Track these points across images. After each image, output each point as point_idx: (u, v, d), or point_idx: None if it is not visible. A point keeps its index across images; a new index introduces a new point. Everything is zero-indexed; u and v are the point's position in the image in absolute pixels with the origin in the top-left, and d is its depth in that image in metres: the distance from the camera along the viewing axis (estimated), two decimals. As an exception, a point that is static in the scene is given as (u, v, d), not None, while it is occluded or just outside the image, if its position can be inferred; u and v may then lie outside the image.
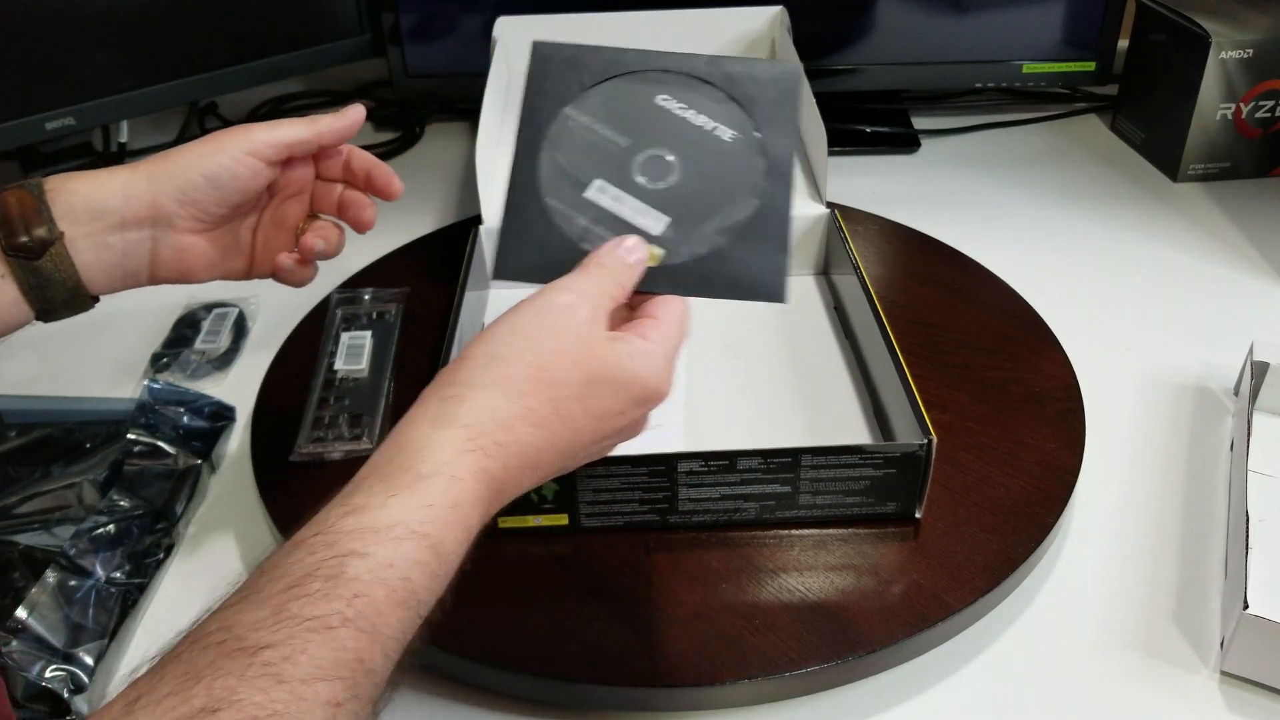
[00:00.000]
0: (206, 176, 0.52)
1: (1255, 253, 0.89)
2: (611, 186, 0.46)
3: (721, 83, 0.47)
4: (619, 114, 0.47)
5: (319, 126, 0.55)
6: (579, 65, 0.48)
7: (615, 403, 0.43)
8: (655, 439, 0.65)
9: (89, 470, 0.63)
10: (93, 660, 0.53)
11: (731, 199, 0.46)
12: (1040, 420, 0.67)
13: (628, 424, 0.45)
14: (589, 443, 0.43)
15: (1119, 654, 0.56)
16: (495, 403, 0.40)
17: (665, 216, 0.46)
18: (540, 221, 0.46)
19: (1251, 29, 0.93)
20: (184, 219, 0.53)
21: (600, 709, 0.54)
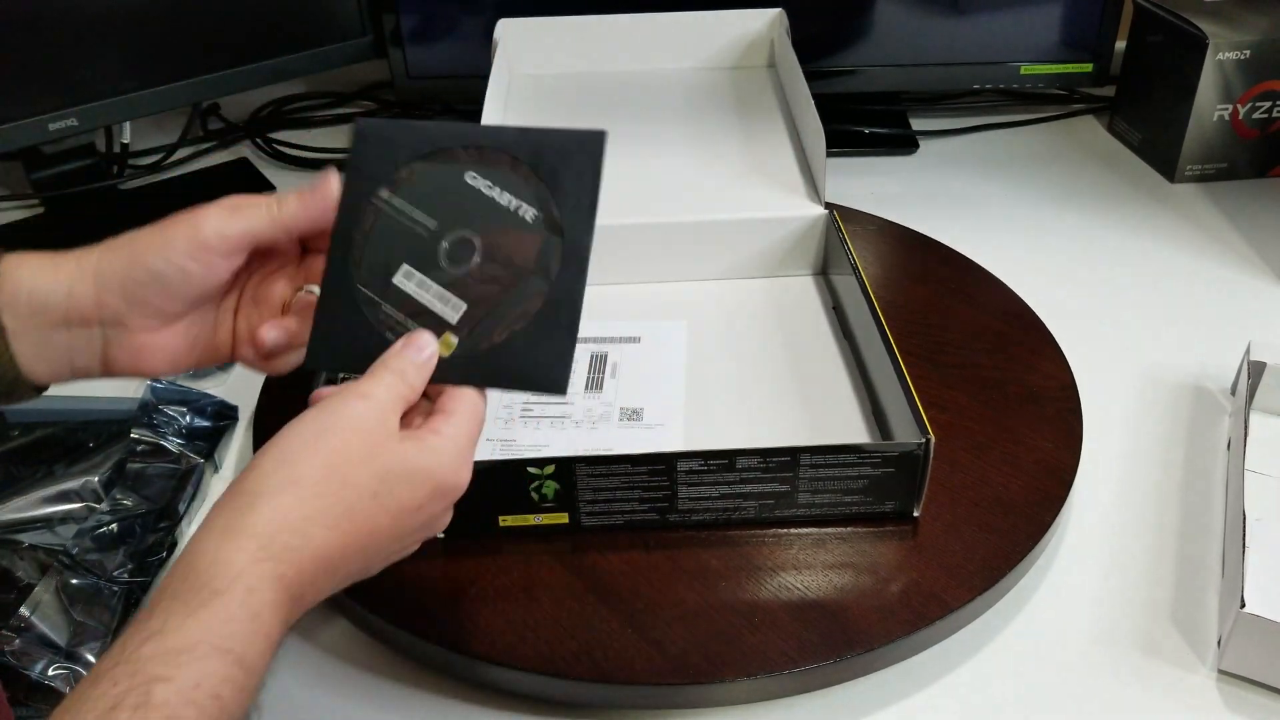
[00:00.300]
0: (153, 275, 0.46)
1: (1252, 253, 0.89)
2: (416, 273, 0.46)
3: (528, 157, 0.47)
4: (429, 195, 0.47)
5: (284, 214, 0.47)
6: (394, 143, 0.48)
7: (411, 499, 0.42)
8: (655, 438, 0.65)
9: (92, 470, 0.64)
10: (95, 659, 0.54)
11: (526, 285, 0.46)
12: (1038, 420, 0.67)
13: (427, 519, 0.44)
14: (389, 540, 0.43)
15: (1116, 653, 0.56)
16: (286, 507, 0.40)
17: (463, 304, 0.46)
18: (350, 309, 0.46)
19: (1249, 30, 0.93)
20: (136, 318, 0.47)
21: (600, 707, 0.54)
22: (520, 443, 0.66)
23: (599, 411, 0.68)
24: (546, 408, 0.68)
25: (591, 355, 0.73)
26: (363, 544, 0.42)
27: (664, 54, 0.98)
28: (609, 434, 0.66)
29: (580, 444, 0.66)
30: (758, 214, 0.79)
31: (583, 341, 0.73)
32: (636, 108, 0.92)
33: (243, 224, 0.47)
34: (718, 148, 0.87)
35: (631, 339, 0.75)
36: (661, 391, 0.70)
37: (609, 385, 0.70)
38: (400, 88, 1.06)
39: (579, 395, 0.69)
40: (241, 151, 1.10)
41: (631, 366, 0.72)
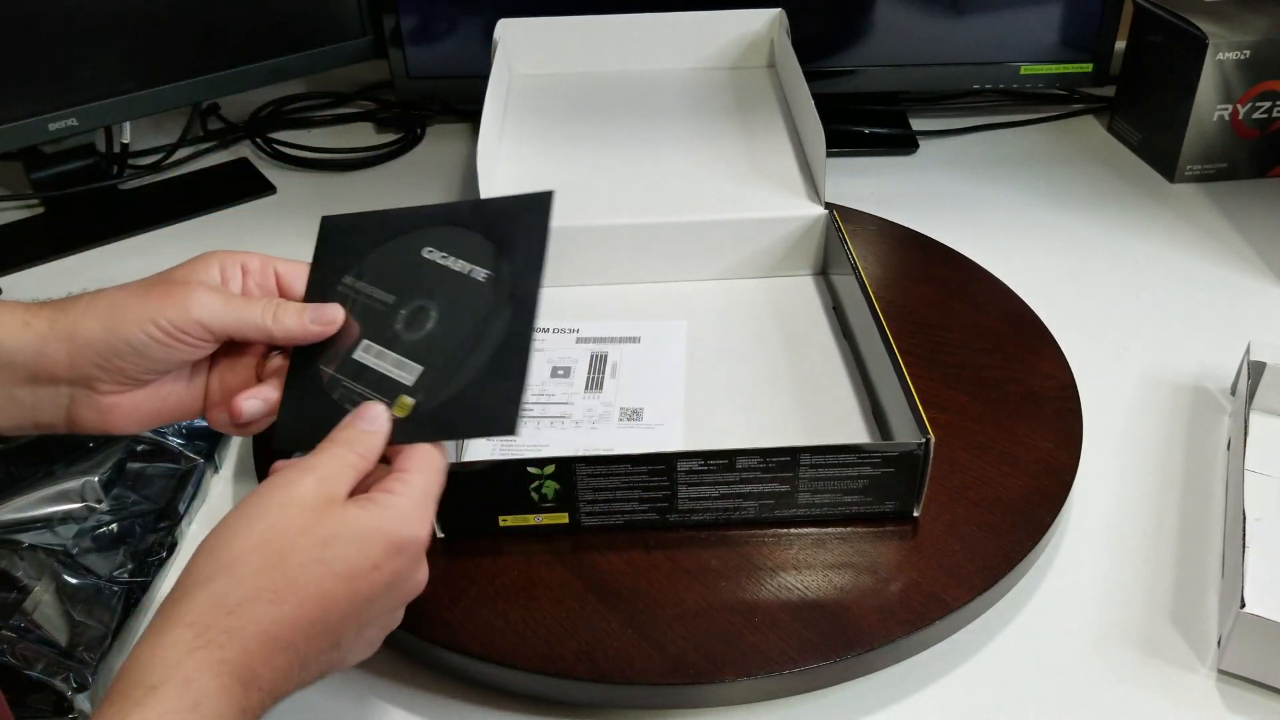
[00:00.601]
0: (133, 349, 0.45)
1: (1252, 253, 0.89)
2: (375, 345, 0.48)
3: (480, 226, 0.49)
4: (389, 274, 0.49)
5: (277, 330, 0.47)
6: (356, 233, 0.51)
7: (363, 559, 0.41)
8: (655, 438, 0.65)
9: (92, 469, 0.64)
10: (95, 659, 0.54)
11: (479, 339, 0.47)
12: (1038, 420, 0.67)
13: (391, 578, 0.42)
14: (351, 605, 0.41)
15: (1116, 653, 0.56)
16: (220, 591, 0.39)
17: (419, 367, 0.47)
18: (314, 389, 0.48)
19: (1249, 30, 0.93)
20: (107, 383, 0.46)
21: (600, 707, 0.54)
22: (520, 443, 0.66)
23: (599, 411, 0.68)
24: (546, 407, 0.68)
25: (592, 355, 0.73)
26: (317, 615, 0.40)
27: (664, 54, 0.98)
28: (609, 434, 0.66)
29: (580, 444, 0.66)
30: (758, 214, 0.79)
31: (583, 342, 0.73)
32: (636, 108, 0.92)
33: (234, 319, 0.47)
34: (718, 148, 0.87)
35: (631, 339, 0.75)
36: (661, 391, 0.70)
37: (609, 385, 0.70)
38: (400, 88, 1.06)
39: (579, 395, 0.69)
40: (241, 151, 1.10)
41: (631, 366, 0.72)
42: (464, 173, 1.04)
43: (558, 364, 0.72)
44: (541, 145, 0.88)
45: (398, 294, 0.49)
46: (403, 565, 0.43)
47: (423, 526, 0.43)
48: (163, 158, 1.06)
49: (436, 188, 1.02)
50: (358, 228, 0.51)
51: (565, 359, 0.73)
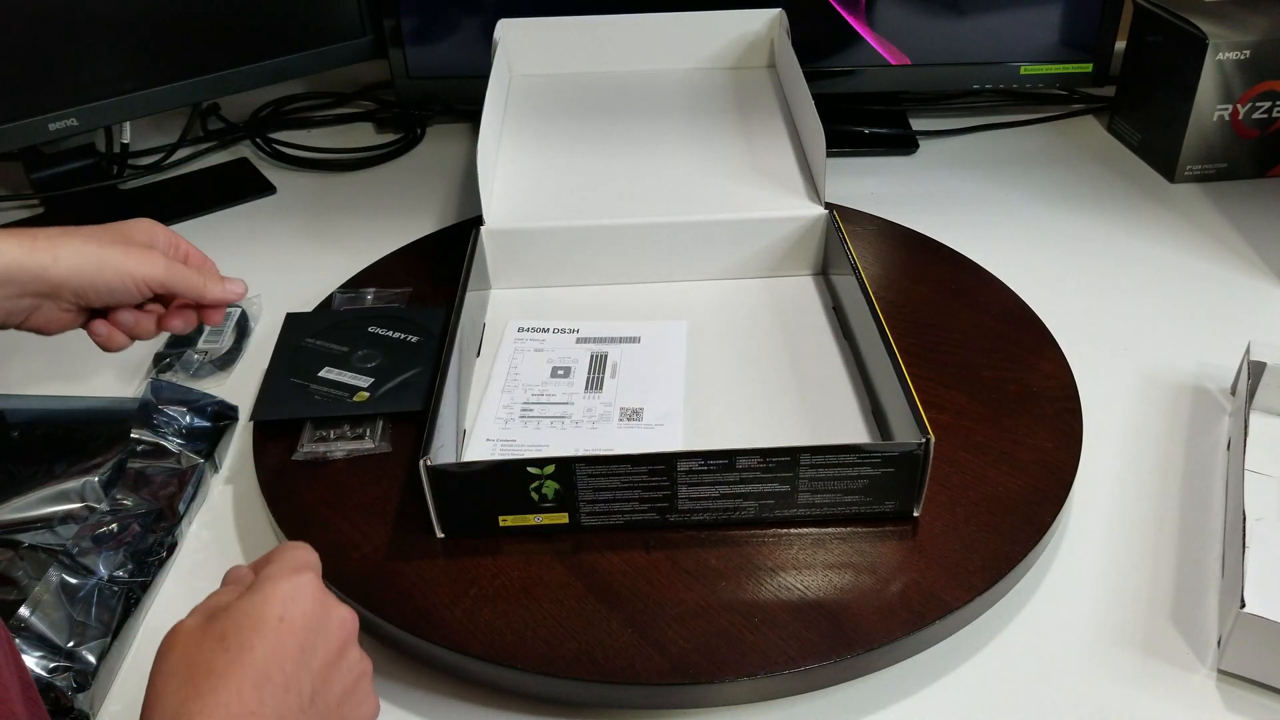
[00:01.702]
0: (110, 288, 0.60)
1: (1252, 253, 0.89)
2: (334, 369, 0.71)
3: (412, 315, 0.77)
4: (343, 336, 0.74)
5: (206, 293, 0.64)
6: (317, 317, 0.77)
7: (245, 624, 0.42)
8: (655, 438, 0.65)
9: (92, 469, 0.64)
10: (95, 659, 0.54)
11: (411, 368, 0.71)
12: (1038, 420, 0.67)
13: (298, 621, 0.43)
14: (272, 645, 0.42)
15: (1116, 653, 0.56)
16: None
17: (369, 378, 0.70)
18: (284, 386, 0.70)
19: (1249, 30, 0.93)
20: (69, 302, 0.60)
21: (600, 707, 0.54)
22: (520, 442, 0.66)
23: (599, 411, 0.68)
24: (546, 407, 0.68)
25: (592, 355, 0.73)
26: (237, 661, 0.41)
27: (664, 54, 0.98)
28: (609, 434, 0.66)
29: (580, 444, 0.66)
30: (758, 214, 0.80)
31: (583, 342, 0.74)
32: (636, 108, 0.93)
33: (180, 282, 0.62)
34: (718, 148, 0.87)
35: (631, 339, 0.75)
36: (661, 391, 0.70)
37: (609, 385, 0.70)
38: (400, 88, 1.06)
39: (579, 395, 0.69)
40: (241, 151, 1.10)
41: (631, 366, 0.72)
42: (464, 173, 1.04)
43: (558, 364, 0.72)
44: (541, 145, 0.88)
45: (350, 346, 0.73)
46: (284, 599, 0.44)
47: (279, 578, 0.44)
48: (163, 158, 1.06)
49: (436, 188, 1.02)
50: (317, 317, 0.77)
51: (565, 359, 0.73)
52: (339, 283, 0.83)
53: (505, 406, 0.69)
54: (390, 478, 0.64)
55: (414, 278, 0.83)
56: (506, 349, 0.74)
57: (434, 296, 0.80)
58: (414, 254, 0.87)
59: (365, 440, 0.66)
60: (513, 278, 0.81)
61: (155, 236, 0.63)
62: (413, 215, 0.96)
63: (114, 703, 0.55)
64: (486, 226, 0.79)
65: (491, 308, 0.80)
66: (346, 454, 0.66)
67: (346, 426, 0.67)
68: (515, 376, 0.71)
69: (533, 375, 0.71)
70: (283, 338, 0.75)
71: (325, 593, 0.45)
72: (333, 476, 0.64)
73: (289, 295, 0.83)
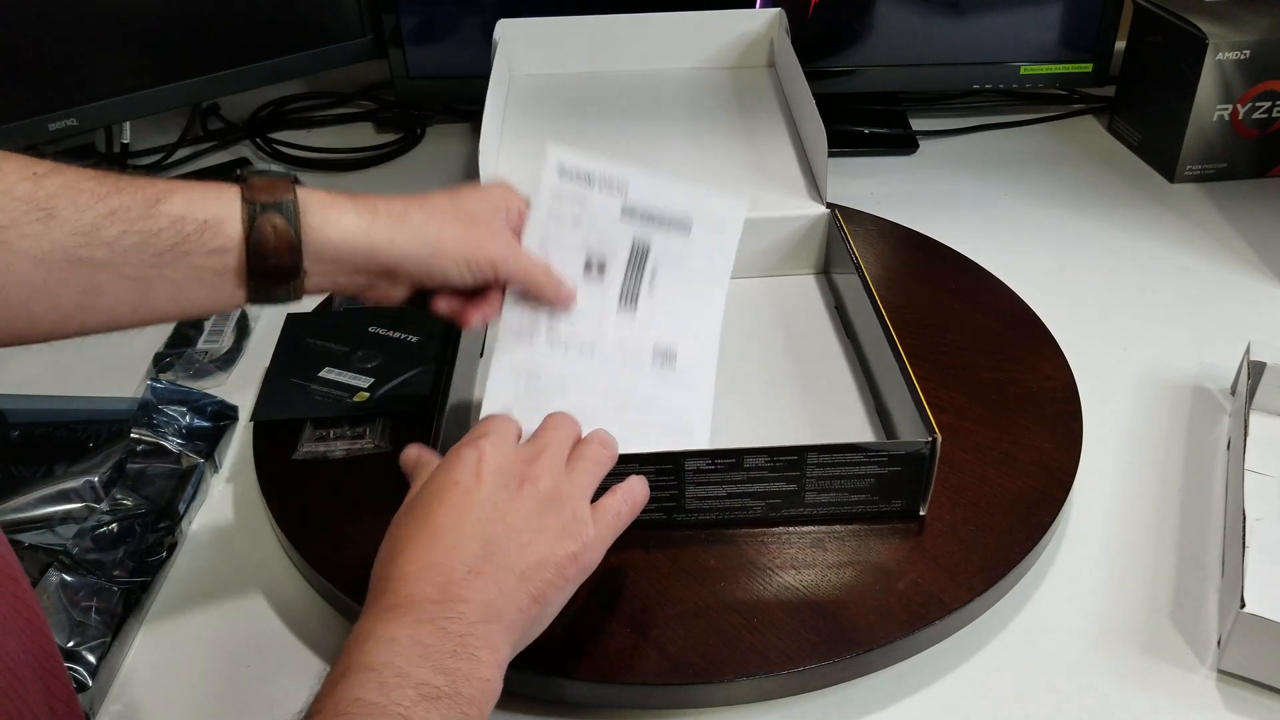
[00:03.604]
0: (443, 275, 0.55)
1: (1252, 253, 0.89)
2: (335, 369, 0.71)
3: (403, 325, 0.76)
4: (343, 336, 0.74)
5: (543, 294, 0.59)
6: (318, 318, 0.78)
7: (446, 481, 0.48)
8: (681, 403, 0.60)
9: (92, 469, 0.64)
10: (95, 659, 0.54)
11: (411, 368, 0.71)
12: (1038, 420, 0.67)
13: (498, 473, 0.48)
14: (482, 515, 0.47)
15: (1116, 652, 0.56)
16: (397, 569, 0.45)
17: (369, 379, 0.70)
18: (284, 386, 0.71)
19: (1249, 30, 0.93)
20: (406, 282, 0.55)
21: (600, 707, 0.54)
22: (543, 379, 0.60)
23: (630, 345, 0.61)
24: (576, 333, 0.61)
25: (633, 245, 0.62)
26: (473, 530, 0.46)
27: (664, 54, 0.98)
28: (636, 383, 0.60)
29: (607, 396, 0.60)
30: (759, 213, 0.79)
31: (628, 216, 0.63)
32: (636, 108, 0.92)
33: (519, 274, 0.58)
34: (718, 148, 0.87)
35: (681, 225, 0.63)
36: (699, 323, 0.62)
37: (644, 301, 0.61)
38: (400, 88, 1.06)
39: (611, 315, 0.61)
40: (241, 151, 1.10)
41: (673, 273, 0.62)
42: (464, 173, 1.04)
43: (594, 249, 0.62)
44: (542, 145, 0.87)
45: (350, 346, 0.73)
46: (501, 460, 0.49)
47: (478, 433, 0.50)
48: (163, 158, 1.06)
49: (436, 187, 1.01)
50: (317, 319, 0.77)
51: (602, 243, 0.62)
52: (339, 283, 0.83)
53: (533, 320, 0.60)
54: (390, 478, 0.64)
55: (414, 278, 0.83)
56: (540, 208, 0.62)
57: (434, 296, 0.80)
58: (414, 254, 0.87)
59: (365, 440, 0.66)
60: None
61: (499, 211, 0.58)
62: (413, 215, 0.96)
63: (114, 703, 0.55)
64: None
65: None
66: (346, 454, 0.66)
67: (346, 426, 0.67)
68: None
69: (565, 267, 0.61)
70: (283, 338, 0.75)
71: (504, 455, 0.49)
72: (333, 476, 0.64)
73: (289, 295, 0.83)
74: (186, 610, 0.60)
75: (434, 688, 0.40)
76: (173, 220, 0.47)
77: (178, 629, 0.58)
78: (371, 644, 0.41)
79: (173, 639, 0.58)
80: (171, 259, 0.48)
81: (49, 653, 0.41)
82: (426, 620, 0.42)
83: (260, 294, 0.51)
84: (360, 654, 0.41)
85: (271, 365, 0.72)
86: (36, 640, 0.40)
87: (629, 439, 0.55)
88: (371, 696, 0.39)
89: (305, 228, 0.50)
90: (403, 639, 0.41)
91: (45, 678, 0.40)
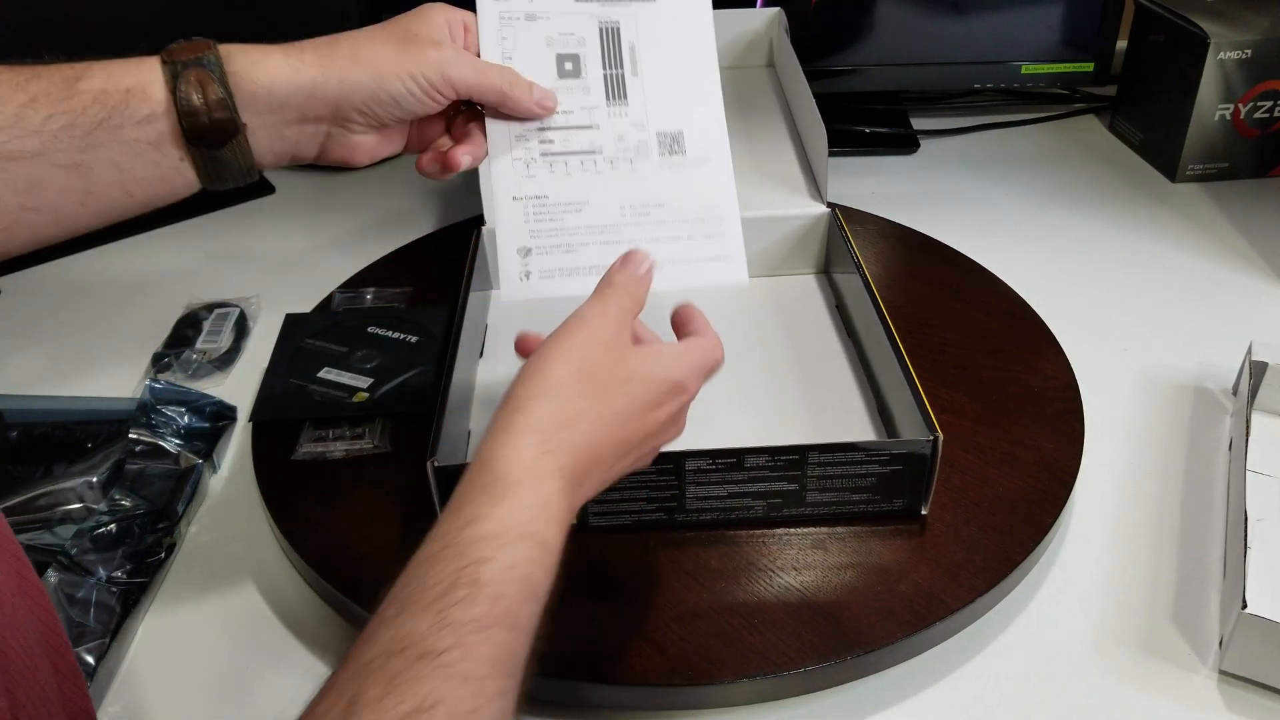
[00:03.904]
0: (394, 99, 0.51)
1: (1254, 253, 0.89)
2: (334, 369, 0.71)
3: (411, 315, 0.77)
4: (343, 336, 0.74)
5: (511, 101, 0.54)
6: (315, 318, 0.78)
7: (650, 397, 0.47)
8: (705, 180, 0.58)
9: (90, 470, 0.64)
10: (94, 660, 0.54)
11: (411, 368, 0.71)
12: (1039, 420, 0.67)
13: (668, 418, 0.49)
14: (638, 435, 0.47)
15: (1117, 653, 0.56)
16: (554, 406, 0.44)
17: (369, 379, 0.70)
18: (283, 386, 0.70)
19: (1250, 29, 0.93)
20: (362, 124, 0.52)
21: (600, 708, 0.54)
22: (553, 199, 0.56)
23: (632, 140, 0.56)
24: (570, 135, 0.56)
25: (601, 30, 0.57)
26: (619, 435, 0.46)
27: (664, 53, 0.98)
28: (652, 178, 0.56)
29: (624, 197, 0.56)
30: (760, 212, 0.79)
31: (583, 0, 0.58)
32: (637, 107, 0.92)
33: (477, 83, 0.53)
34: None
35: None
36: (698, 95, 0.58)
37: (633, 88, 0.57)
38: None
39: (601, 109, 0.56)
40: (241, 151, 1.09)
41: (653, 48, 0.58)
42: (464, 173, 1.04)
43: (561, 48, 0.57)
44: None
45: (350, 346, 0.73)
46: (676, 409, 0.49)
47: (694, 381, 0.49)
48: (162, 157, 1.05)
49: (436, 188, 1.01)
50: (312, 318, 0.78)
51: (569, 35, 0.57)
52: (338, 283, 0.83)
53: (519, 136, 0.56)
54: (390, 478, 0.64)
55: (414, 278, 0.83)
56: (490, 15, 0.56)
57: (434, 296, 0.80)
58: (414, 254, 0.87)
59: (364, 440, 0.66)
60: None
61: (439, 26, 0.53)
62: (413, 215, 0.96)
63: (113, 704, 0.54)
64: (487, 227, 0.78)
65: (494, 308, 0.80)
66: (345, 454, 0.65)
67: (345, 426, 0.67)
68: None
69: (538, 75, 0.56)
70: (282, 338, 0.75)
71: (688, 406, 0.49)
72: (332, 477, 0.64)
73: (288, 295, 0.83)
74: (185, 611, 0.59)
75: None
76: (95, 95, 0.47)
77: (176, 630, 0.58)
78: (530, 491, 0.42)
79: (171, 639, 0.58)
80: (104, 136, 0.47)
81: (54, 630, 0.41)
82: (568, 506, 0.44)
83: (209, 167, 0.50)
84: (527, 487, 0.42)
85: (270, 365, 0.72)
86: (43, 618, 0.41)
87: (660, 255, 0.52)
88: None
89: (231, 75, 0.50)
90: (554, 506, 0.43)
91: (52, 656, 0.41)
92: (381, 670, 0.35)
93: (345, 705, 0.34)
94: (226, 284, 0.87)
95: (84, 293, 0.87)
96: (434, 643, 0.36)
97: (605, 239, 0.55)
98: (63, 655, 0.42)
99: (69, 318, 0.84)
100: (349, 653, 0.37)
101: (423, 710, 0.34)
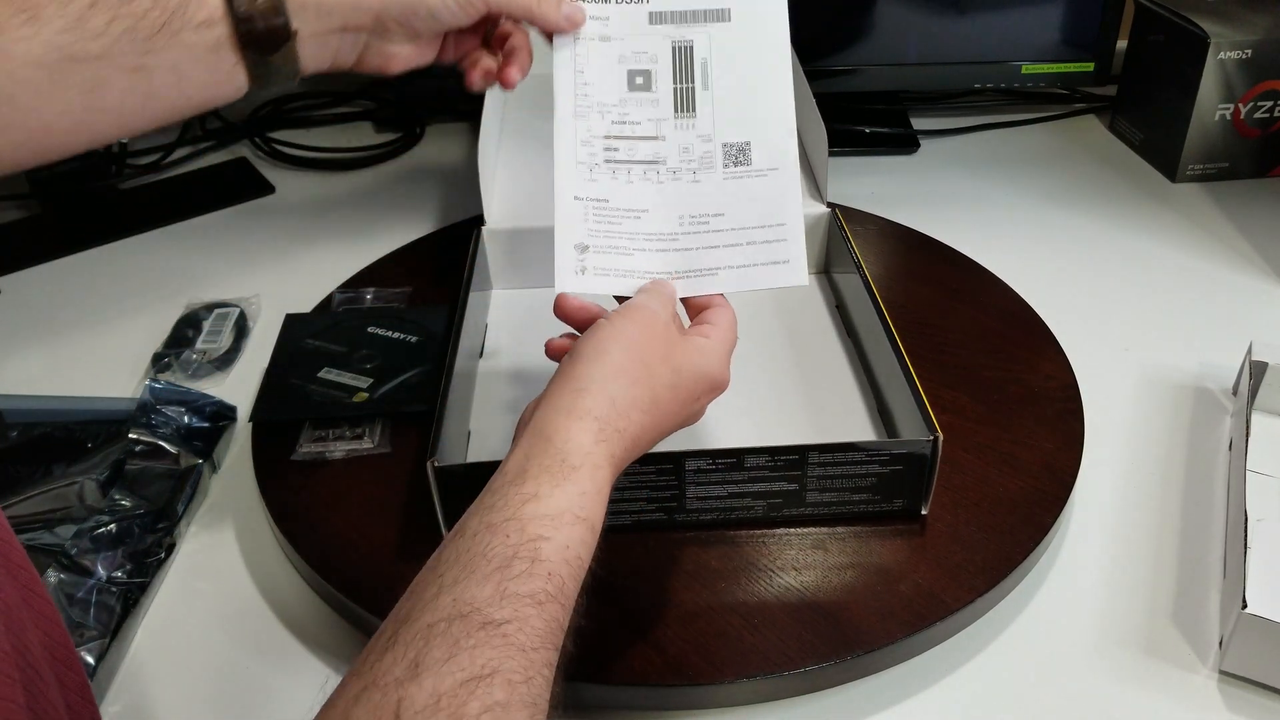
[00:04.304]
0: (431, 12, 0.55)
1: (1254, 253, 0.89)
2: (334, 370, 0.71)
3: (402, 325, 0.76)
4: (342, 336, 0.74)
5: (539, 13, 0.57)
6: (317, 318, 0.78)
7: (693, 391, 0.50)
8: (770, 191, 0.57)
9: (90, 469, 0.64)
10: (94, 660, 0.54)
11: (411, 368, 0.71)
12: (1039, 420, 0.67)
13: (699, 409, 0.52)
14: (674, 425, 0.50)
15: (1118, 653, 0.56)
16: (614, 393, 0.47)
17: (368, 379, 0.70)
18: (283, 387, 0.70)
19: (1250, 29, 0.93)
20: (399, 34, 0.56)
21: (600, 708, 0.54)
22: (613, 204, 0.56)
23: (697, 151, 0.56)
24: (634, 145, 0.57)
25: (674, 48, 0.57)
26: (662, 427, 0.49)
27: (664, 53, 0.97)
28: (715, 188, 0.56)
29: (684, 206, 0.56)
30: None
31: (658, 22, 0.58)
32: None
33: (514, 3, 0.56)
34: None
35: (719, 14, 0.58)
36: (769, 108, 0.57)
37: (702, 101, 0.57)
38: (400, 87, 1.05)
39: (669, 121, 0.57)
40: (240, 151, 1.09)
41: (726, 64, 0.57)
42: (464, 173, 1.04)
43: (634, 65, 0.57)
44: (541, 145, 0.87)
45: (349, 346, 0.73)
46: (707, 402, 0.53)
47: (728, 375, 0.53)
48: (161, 157, 1.05)
49: (436, 188, 1.01)
50: (314, 318, 0.78)
51: (641, 54, 0.57)
52: (338, 283, 0.83)
53: (584, 142, 0.57)
54: (389, 478, 0.64)
55: (414, 278, 0.83)
56: (564, 48, 0.58)
57: (434, 296, 0.80)
58: (414, 254, 0.87)
59: (364, 440, 0.66)
60: (513, 278, 0.81)
61: None
62: (412, 215, 0.96)
63: (113, 704, 0.54)
64: (487, 227, 0.78)
65: (494, 308, 0.80)
66: (345, 454, 0.65)
67: (345, 427, 0.67)
68: (585, 89, 0.58)
69: (607, 87, 0.57)
70: (282, 338, 0.74)
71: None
72: (332, 477, 0.64)
73: (288, 295, 0.83)
74: (185, 611, 0.59)
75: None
76: (155, 1, 0.48)
77: (176, 630, 0.58)
78: (588, 477, 0.44)
79: (171, 640, 0.58)
80: (164, 41, 0.48)
81: (62, 643, 0.41)
82: (607, 493, 0.46)
83: (259, 71, 0.52)
84: (585, 472, 0.44)
85: (270, 365, 0.72)
86: (49, 631, 0.41)
87: (716, 262, 0.56)
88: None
89: None
90: (604, 493, 0.45)
91: (59, 669, 0.41)
92: (444, 635, 0.37)
93: (408, 665, 0.36)
94: (226, 284, 0.87)
95: (84, 293, 0.87)
96: (494, 613, 0.38)
97: (662, 246, 0.56)
98: (71, 669, 0.42)
99: (69, 318, 0.84)
100: (405, 608, 0.39)
101: (482, 677, 0.36)
